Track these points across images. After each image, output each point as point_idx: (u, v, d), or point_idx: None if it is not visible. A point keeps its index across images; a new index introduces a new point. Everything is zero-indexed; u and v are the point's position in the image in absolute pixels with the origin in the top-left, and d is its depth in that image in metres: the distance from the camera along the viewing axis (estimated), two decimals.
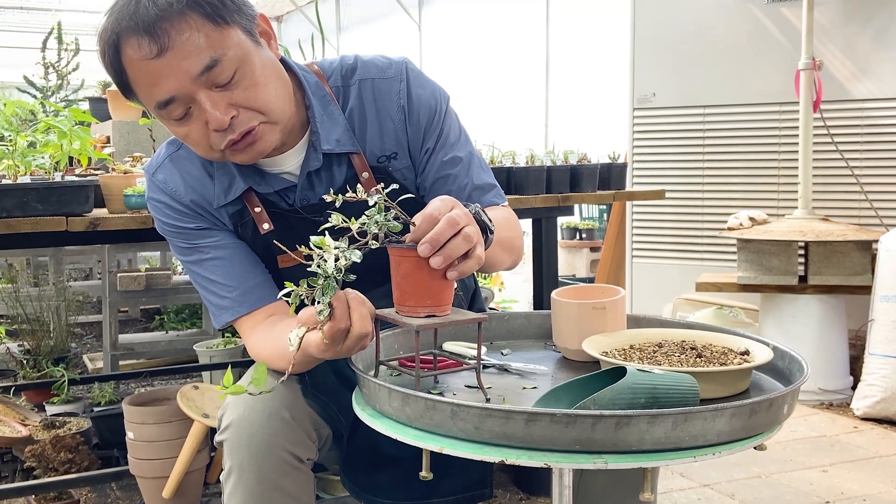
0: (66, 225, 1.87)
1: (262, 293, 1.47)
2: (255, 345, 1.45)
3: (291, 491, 1.38)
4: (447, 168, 1.52)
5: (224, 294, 1.47)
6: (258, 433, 1.35)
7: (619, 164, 2.71)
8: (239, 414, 1.36)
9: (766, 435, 1.09)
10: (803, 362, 1.22)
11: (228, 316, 1.47)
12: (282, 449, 1.36)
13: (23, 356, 3.68)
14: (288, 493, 1.38)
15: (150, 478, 2.21)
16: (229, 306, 1.47)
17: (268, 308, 1.47)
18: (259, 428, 1.35)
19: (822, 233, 3.54)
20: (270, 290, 1.48)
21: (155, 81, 1.27)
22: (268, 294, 1.47)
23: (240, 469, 1.36)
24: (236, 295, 1.46)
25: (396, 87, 1.49)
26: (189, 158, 1.49)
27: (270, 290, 1.48)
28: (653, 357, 1.28)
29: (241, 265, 1.48)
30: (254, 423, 1.35)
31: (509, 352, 1.47)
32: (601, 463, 1.01)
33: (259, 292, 1.47)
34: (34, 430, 2.72)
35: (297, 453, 1.38)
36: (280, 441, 1.36)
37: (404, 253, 1.14)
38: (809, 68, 3.72)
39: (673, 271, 4.47)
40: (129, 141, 2.59)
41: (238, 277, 1.47)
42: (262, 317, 1.46)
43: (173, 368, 3.76)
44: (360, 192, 1.10)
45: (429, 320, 1.16)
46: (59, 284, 4.13)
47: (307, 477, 1.42)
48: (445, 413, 1.06)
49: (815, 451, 2.99)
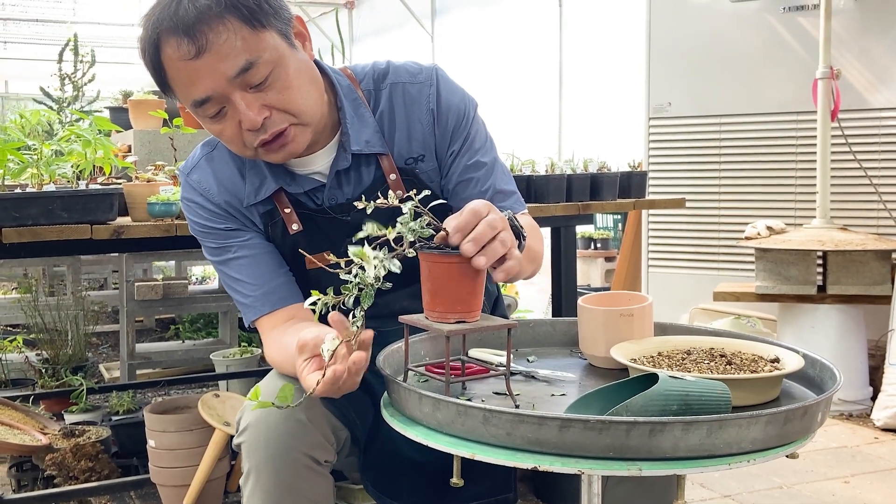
0: (91, 233, 1.88)
1: (284, 294, 1.49)
2: (270, 347, 1.46)
3: (310, 493, 1.38)
4: (471, 171, 1.53)
5: (248, 293, 1.49)
6: (274, 435, 1.35)
7: (640, 172, 2.71)
8: (256, 416, 1.37)
9: (799, 443, 1.09)
10: (835, 370, 1.21)
11: (252, 315, 1.49)
12: (298, 451, 1.35)
13: (41, 365, 3.69)
14: (306, 496, 1.37)
15: (171, 486, 2.22)
16: (252, 304, 1.49)
17: (289, 309, 1.48)
18: (275, 430, 1.35)
19: (840, 242, 3.52)
20: (292, 292, 1.50)
21: (192, 81, 1.31)
22: (289, 295, 1.49)
23: (257, 471, 1.36)
24: (259, 294, 1.48)
25: (426, 92, 1.52)
26: (223, 160, 1.52)
27: (292, 291, 1.50)
28: (682, 364, 1.27)
29: (266, 266, 1.50)
30: (270, 424, 1.35)
31: (535, 359, 1.47)
32: (635, 470, 1.00)
33: (281, 293, 1.48)
34: (54, 439, 2.73)
35: (315, 455, 1.38)
36: (297, 443, 1.35)
37: (436, 259, 1.13)
38: (827, 77, 3.71)
39: (689, 281, 4.45)
40: (151, 150, 2.60)
41: (262, 277, 1.49)
42: (283, 318, 1.47)
43: (191, 377, 3.77)
44: (391, 198, 1.10)
45: (459, 326, 1.16)
46: (78, 294, 4.15)
47: (326, 480, 1.41)
48: (477, 419, 1.06)
49: (837, 462, 2.96)
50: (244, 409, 1.41)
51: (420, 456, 1.56)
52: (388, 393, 1.24)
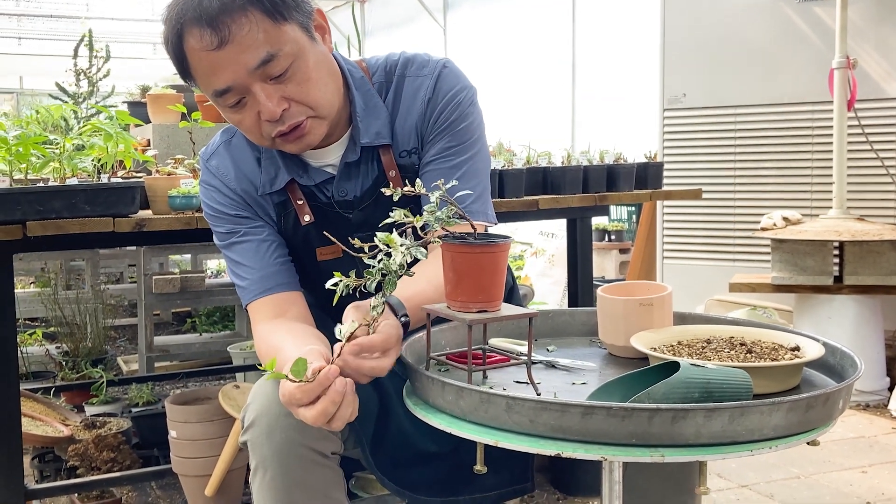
0: (114, 226, 1.90)
1: (280, 280, 1.50)
2: (258, 341, 1.46)
3: (318, 486, 1.38)
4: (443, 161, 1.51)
5: (246, 276, 1.51)
6: (277, 429, 1.35)
7: (656, 163, 2.71)
8: (258, 412, 1.38)
9: (820, 430, 1.09)
10: (856, 358, 1.21)
11: (247, 297, 1.50)
12: (302, 445, 1.36)
13: (61, 358, 3.73)
14: (314, 489, 1.38)
15: (193, 476, 2.24)
16: (248, 287, 1.50)
17: (282, 298, 1.49)
18: (278, 424, 1.35)
19: (857, 232, 3.51)
20: (289, 280, 1.51)
21: (213, 71, 1.33)
22: (285, 282, 1.50)
23: (264, 466, 1.37)
24: (256, 277, 1.50)
25: (427, 84, 1.52)
26: (241, 147, 1.55)
27: (289, 280, 1.51)
28: (702, 353, 1.28)
29: (268, 253, 1.52)
30: (272, 419, 1.35)
31: (555, 348, 1.48)
32: (658, 456, 1.01)
33: (277, 279, 1.50)
34: (75, 430, 2.76)
35: (319, 448, 1.38)
36: (300, 437, 1.35)
37: (458, 249, 1.15)
38: (843, 67, 3.70)
39: (704, 272, 4.44)
40: (169, 144, 2.62)
41: (262, 262, 1.51)
42: (274, 310, 1.48)
43: (208, 370, 3.80)
44: (418, 186, 1.11)
45: (481, 315, 1.17)
46: (96, 287, 4.18)
47: (333, 472, 1.42)
48: (500, 406, 1.07)
49: (854, 452, 2.96)
50: (247, 407, 1.42)
51: (436, 447, 1.57)
52: (411, 382, 1.25)
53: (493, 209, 1.57)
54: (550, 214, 2.61)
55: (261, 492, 1.39)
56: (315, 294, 1.56)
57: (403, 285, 1.22)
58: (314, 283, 1.54)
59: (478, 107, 1.57)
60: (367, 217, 1.52)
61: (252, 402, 1.41)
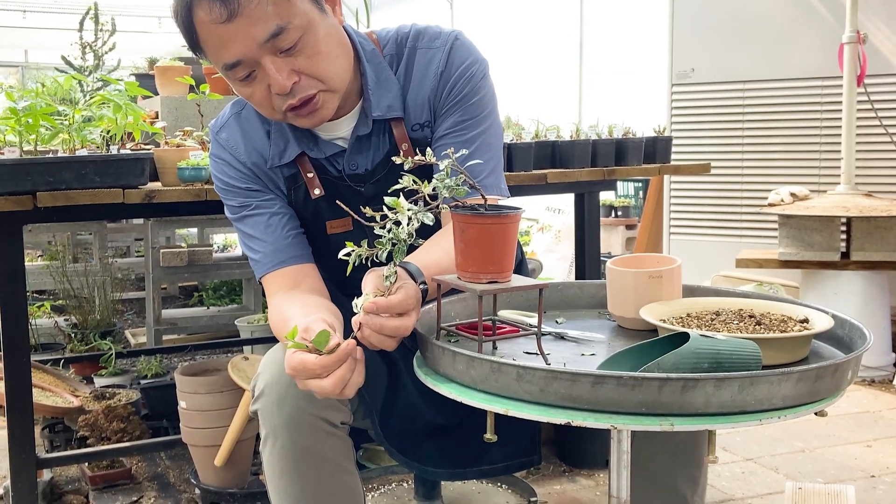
0: (123, 197, 1.91)
1: (293, 253, 1.51)
2: (272, 313, 1.48)
3: (328, 455, 1.40)
4: (456, 135, 1.51)
5: (259, 249, 1.51)
6: (288, 399, 1.36)
7: (665, 137, 2.70)
8: (267, 382, 1.39)
9: (829, 400, 1.10)
10: (865, 330, 1.22)
11: (261, 270, 1.51)
12: (312, 414, 1.37)
13: (70, 330, 3.75)
14: (325, 457, 1.39)
15: (203, 446, 2.26)
16: (262, 260, 1.51)
17: (296, 270, 1.50)
18: (287, 394, 1.36)
19: (865, 208, 3.50)
20: (302, 253, 1.52)
21: (223, 44, 1.33)
22: (298, 254, 1.51)
23: (274, 435, 1.39)
24: (269, 250, 1.50)
25: (438, 56, 1.52)
26: (251, 119, 1.55)
27: (302, 252, 1.52)
28: (711, 325, 1.28)
29: (281, 226, 1.52)
30: (283, 389, 1.36)
31: (564, 320, 1.49)
32: (667, 425, 1.02)
33: (290, 251, 1.51)
34: (85, 401, 2.78)
35: (329, 418, 1.39)
36: (309, 406, 1.36)
37: (469, 219, 1.15)
38: (853, 42, 3.67)
39: (711, 248, 4.44)
40: (178, 116, 2.62)
41: (274, 234, 1.51)
42: (289, 282, 1.49)
43: (216, 343, 3.83)
44: (429, 155, 1.11)
45: (491, 286, 1.17)
46: (104, 260, 4.20)
47: (343, 441, 1.43)
48: (511, 375, 1.07)
49: (859, 426, 2.97)
50: (257, 377, 1.43)
51: (444, 420, 1.59)
52: (422, 351, 1.26)
53: (505, 183, 1.57)
54: (558, 189, 2.61)
55: (271, 460, 1.41)
56: (325, 268, 1.57)
57: (421, 254, 1.23)
58: (324, 257, 1.55)
59: (490, 80, 1.56)
60: (378, 190, 1.52)
61: (262, 372, 1.42)
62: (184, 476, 2.58)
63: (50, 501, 2.38)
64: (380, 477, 2.22)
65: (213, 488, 2.28)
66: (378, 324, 1.15)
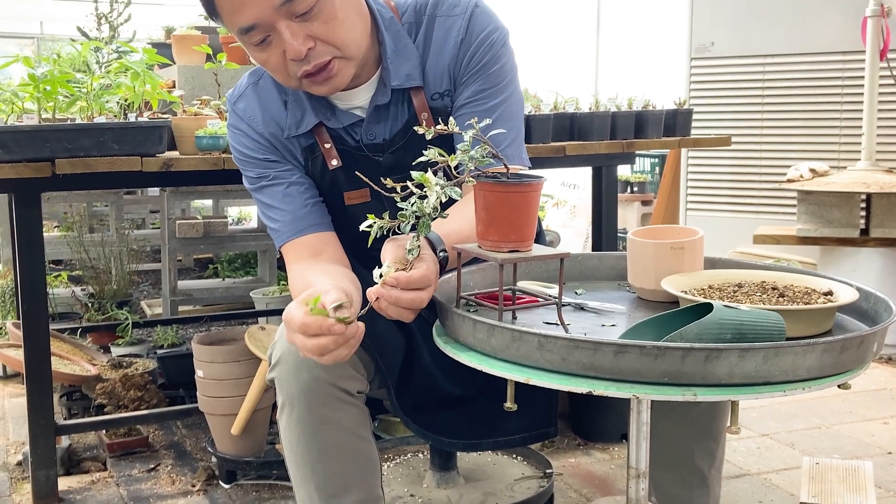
0: (141, 165, 1.91)
1: (313, 221, 1.50)
2: (294, 280, 1.47)
3: (344, 422, 1.40)
4: (476, 104, 1.49)
5: (279, 218, 1.51)
6: (304, 367, 1.37)
7: (685, 110, 2.67)
8: (284, 350, 1.39)
9: (853, 373, 1.09)
10: (890, 302, 1.20)
11: (281, 239, 1.51)
12: (328, 383, 1.38)
13: (87, 300, 3.77)
14: (340, 425, 1.40)
15: (219, 415, 2.27)
16: (281, 229, 1.51)
17: (316, 238, 1.49)
18: (304, 362, 1.36)
19: (885, 185, 3.46)
20: (322, 221, 1.51)
21: (238, 8, 1.32)
22: (317, 223, 1.51)
23: (290, 403, 1.39)
24: (288, 219, 1.50)
25: (458, 24, 1.50)
26: (268, 88, 1.53)
27: (322, 220, 1.52)
28: (734, 297, 1.27)
29: (299, 195, 1.51)
30: (299, 357, 1.35)
31: (583, 292, 1.48)
32: (690, 395, 1.01)
33: (310, 220, 1.50)
34: (102, 370, 2.80)
35: (345, 387, 1.39)
36: (325, 375, 1.37)
37: (491, 188, 1.14)
38: (877, 15, 3.61)
39: (728, 224, 4.41)
40: (195, 85, 2.61)
41: (293, 203, 1.51)
42: (309, 250, 1.48)
43: (231, 314, 3.84)
44: (451, 125, 1.10)
45: (512, 255, 1.17)
46: (121, 231, 4.21)
47: (359, 410, 1.43)
48: (532, 344, 1.07)
49: (876, 403, 2.96)
50: (274, 345, 1.43)
51: (461, 391, 1.58)
52: (441, 321, 1.26)
53: (526, 153, 1.56)
54: (576, 161, 2.59)
55: (288, 428, 1.41)
56: (343, 238, 1.56)
57: (442, 221, 1.22)
58: (341, 228, 1.54)
59: (510, 48, 1.54)
60: (397, 160, 1.51)
61: (279, 340, 1.42)
62: (200, 444, 2.60)
63: (68, 468, 2.40)
64: (395, 448, 2.23)
65: (229, 456, 2.29)
66: (395, 296, 1.15)
